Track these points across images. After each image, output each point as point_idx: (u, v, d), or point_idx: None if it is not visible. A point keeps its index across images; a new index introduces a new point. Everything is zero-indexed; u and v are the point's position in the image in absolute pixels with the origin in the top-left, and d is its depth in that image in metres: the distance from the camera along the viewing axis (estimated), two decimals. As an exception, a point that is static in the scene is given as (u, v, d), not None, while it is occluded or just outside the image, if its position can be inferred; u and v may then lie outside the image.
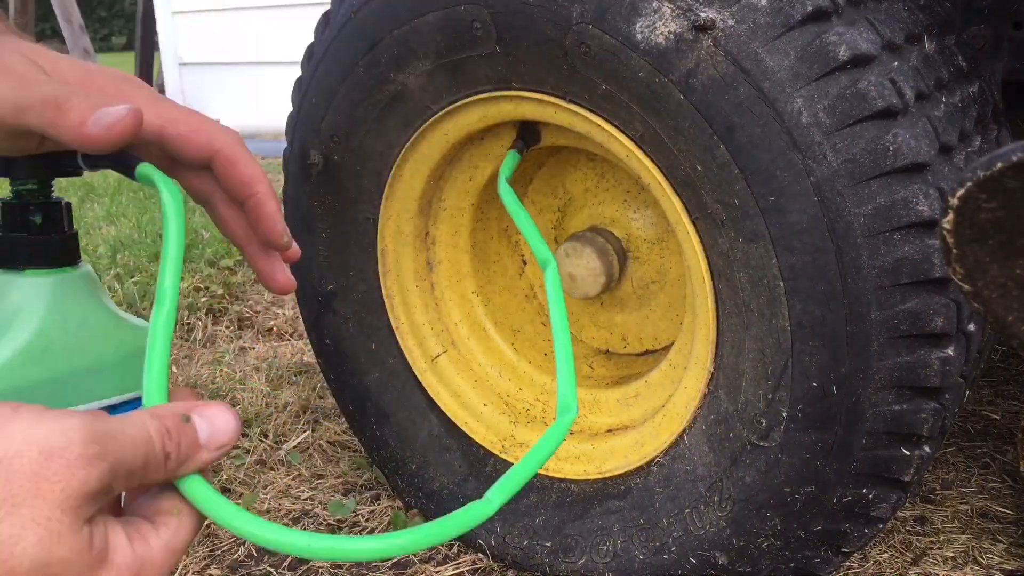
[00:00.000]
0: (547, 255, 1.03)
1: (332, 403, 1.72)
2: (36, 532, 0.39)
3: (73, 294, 0.82)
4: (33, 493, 0.39)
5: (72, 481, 0.40)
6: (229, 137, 0.75)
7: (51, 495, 0.40)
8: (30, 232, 0.81)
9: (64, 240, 0.83)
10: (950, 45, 1.05)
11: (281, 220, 0.78)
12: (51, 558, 0.39)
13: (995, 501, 1.36)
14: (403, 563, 1.25)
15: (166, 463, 0.46)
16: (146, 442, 0.45)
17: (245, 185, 0.75)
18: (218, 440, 0.49)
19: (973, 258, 0.56)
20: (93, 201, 3.59)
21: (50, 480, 0.40)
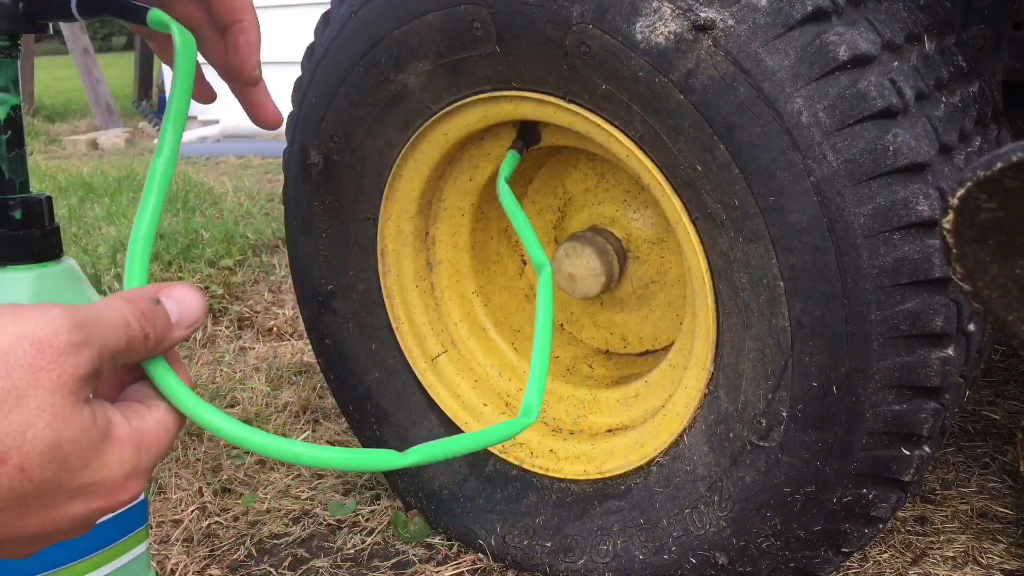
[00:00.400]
0: (543, 259, 1.03)
1: (332, 403, 1.72)
2: (43, 418, 0.42)
3: (56, 289, 0.81)
4: (33, 383, 0.42)
5: (65, 367, 0.43)
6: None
7: (49, 383, 0.42)
8: (9, 227, 0.80)
9: (45, 234, 0.82)
10: (950, 45, 1.05)
11: (257, 53, 0.79)
12: (61, 438, 0.43)
13: (995, 501, 1.36)
14: (403, 563, 1.25)
15: (145, 343, 0.49)
16: (125, 325, 0.48)
17: (232, 10, 0.77)
18: (188, 318, 0.52)
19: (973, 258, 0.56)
20: (93, 201, 3.59)
21: (45, 369, 0.42)
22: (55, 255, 0.83)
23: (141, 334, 0.49)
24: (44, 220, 0.83)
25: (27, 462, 0.42)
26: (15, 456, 0.41)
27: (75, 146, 5.94)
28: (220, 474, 1.48)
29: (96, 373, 0.45)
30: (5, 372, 0.41)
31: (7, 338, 0.42)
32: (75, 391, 0.43)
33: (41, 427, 0.42)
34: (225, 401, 1.76)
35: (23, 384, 0.42)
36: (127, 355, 0.48)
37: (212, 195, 3.59)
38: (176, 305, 0.52)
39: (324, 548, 1.30)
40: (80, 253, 2.59)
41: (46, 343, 0.43)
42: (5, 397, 0.41)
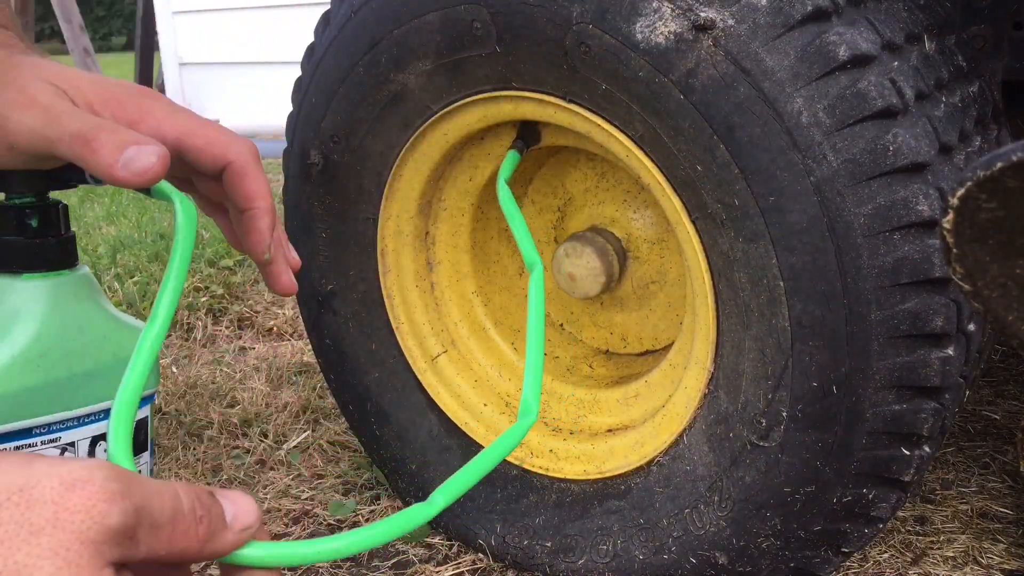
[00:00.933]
0: (535, 257, 1.03)
1: (332, 403, 1.72)
2: (53, 562, 0.37)
3: (71, 297, 0.82)
4: (52, 522, 0.38)
5: (93, 512, 0.39)
6: (244, 149, 0.78)
7: (70, 525, 0.38)
8: (26, 235, 0.80)
9: (61, 243, 0.83)
10: (950, 45, 1.05)
11: (268, 237, 0.81)
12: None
13: (995, 501, 1.36)
14: (403, 563, 1.25)
15: (198, 528, 0.44)
16: (173, 497, 0.44)
17: (247, 198, 0.78)
18: (243, 521, 0.48)
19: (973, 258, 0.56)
20: (93, 201, 3.59)
21: (70, 510, 0.38)
22: (70, 263, 0.83)
23: (192, 515, 0.44)
24: (60, 228, 0.83)
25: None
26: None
27: (75, 146, 5.94)
28: (220, 474, 1.48)
29: (130, 535, 0.40)
30: (25, 504, 0.38)
31: (39, 474, 0.39)
32: (97, 542, 0.38)
33: (48, 571, 0.37)
34: (225, 401, 1.76)
35: (40, 520, 0.38)
36: (171, 536, 0.43)
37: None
38: (231, 505, 0.47)
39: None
40: (80, 253, 2.59)
41: (78, 484, 0.39)
42: (16, 531, 0.37)
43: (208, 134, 0.76)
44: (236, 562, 0.48)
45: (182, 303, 2.23)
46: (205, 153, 0.75)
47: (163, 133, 0.73)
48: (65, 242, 0.83)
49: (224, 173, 0.78)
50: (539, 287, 1.00)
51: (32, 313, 0.78)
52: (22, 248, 0.80)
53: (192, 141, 0.75)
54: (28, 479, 0.38)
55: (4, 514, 0.37)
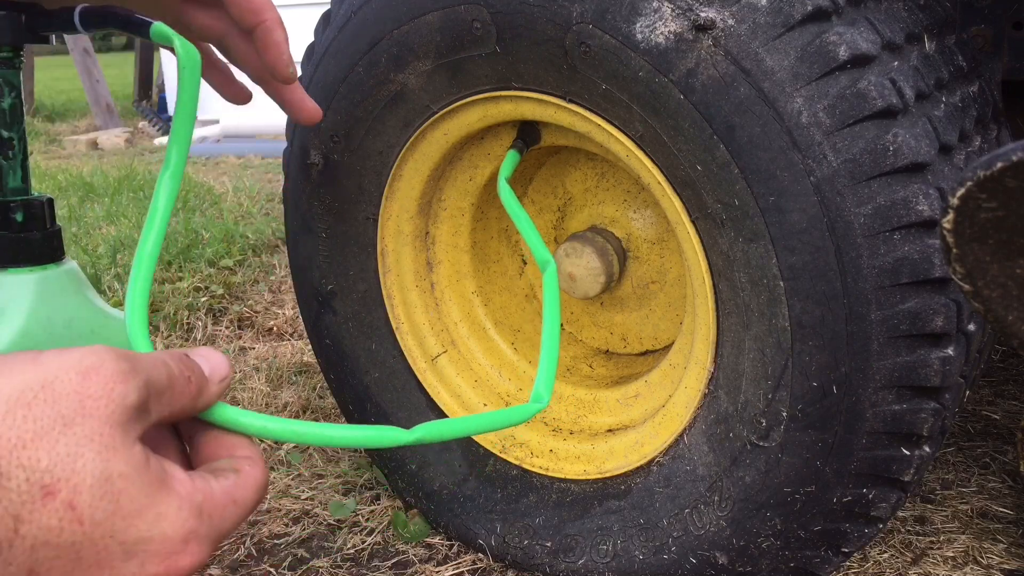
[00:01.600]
0: (547, 256, 1.03)
1: (332, 403, 1.72)
2: (92, 447, 0.39)
3: (58, 291, 0.81)
4: (80, 411, 0.40)
5: (113, 395, 0.41)
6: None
7: (97, 411, 0.40)
8: (11, 230, 0.80)
9: (47, 237, 0.82)
10: (950, 45, 1.05)
11: (287, 49, 0.80)
12: (112, 471, 0.40)
13: (995, 501, 1.36)
14: (403, 563, 1.25)
15: (189, 387, 0.47)
16: (166, 364, 0.46)
17: (252, 12, 0.77)
18: (219, 372, 0.51)
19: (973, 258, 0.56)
20: (93, 201, 3.59)
21: (93, 396, 0.40)
22: (57, 257, 0.83)
23: (182, 376, 0.47)
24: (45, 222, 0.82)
25: (77, 497, 0.39)
26: (64, 488, 0.38)
27: (75, 146, 5.95)
28: (220, 474, 1.48)
29: (143, 407, 0.43)
30: (51, 399, 0.39)
31: (53, 368, 0.40)
32: (124, 422, 0.41)
33: (90, 456, 0.39)
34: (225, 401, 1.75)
35: (70, 411, 0.39)
36: (171, 398, 0.46)
37: (212, 195, 3.59)
38: (205, 361, 0.50)
39: (324, 548, 1.30)
40: (80, 253, 2.59)
41: (92, 370, 0.41)
42: (52, 425, 0.39)
43: None
44: (215, 419, 0.51)
45: (182, 303, 2.23)
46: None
47: None
48: (51, 236, 0.83)
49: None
50: (553, 285, 1.00)
51: (18, 307, 0.78)
52: (7, 242, 0.79)
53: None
54: (45, 374, 0.40)
55: (35, 411, 0.39)
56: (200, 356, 0.50)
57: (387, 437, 0.63)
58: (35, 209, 0.81)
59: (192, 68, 0.70)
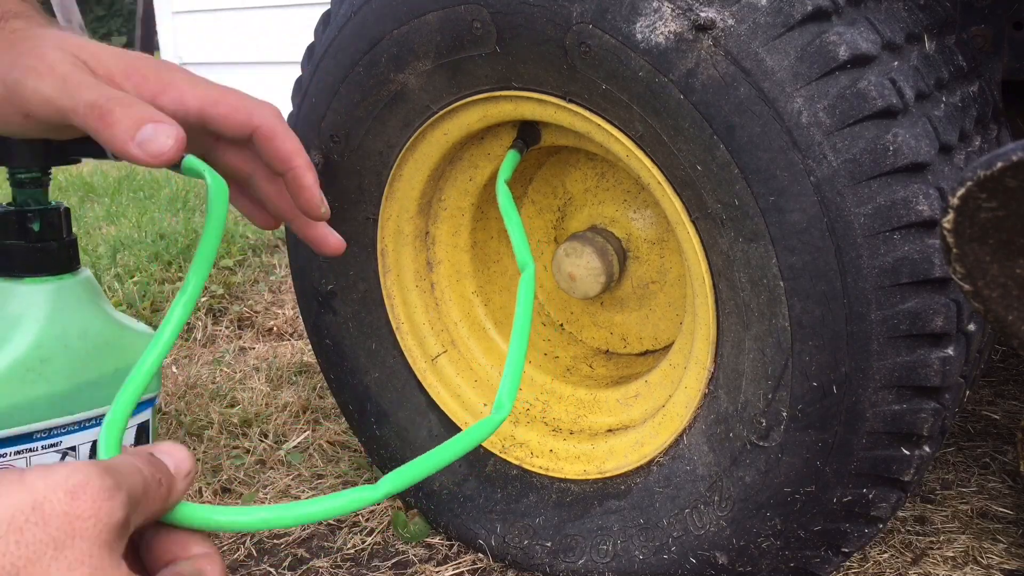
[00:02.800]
0: (527, 257, 1.03)
1: (332, 403, 1.72)
2: (82, 571, 0.39)
3: (73, 301, 0.81)
4: (70, 534, 0.40)
5: (100, 515, 0.41)
6: (267, 112, 0.78)
7: (86, 532, 0.40)
8: (28, 239, 0.80)
9: (63, 247, 0.82)
10: (950, 45, 1.05)
11: (319, 191, 0.82)
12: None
13: (995, 501, 1.36)
14: (403, 563, 1.25)
15: (160, 490, 0.47)
16: (139, 470, 0.46)
17: (283, 159, 0.79)
18: (184, 468, 0.51)
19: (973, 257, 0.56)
20: (93, 201, 3.59)
21: (82, 517, 0.40)
22: (72, 267, 0.83)
23: (154, 480, 0.47)
24: (62, 232, 0.83)
25: None
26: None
27: (75, 146, 5.94)
28: (220, 474, 1.48)
29: (127, 524, 0.43)
30: (42, 521, 0.39)
31: (41, 488, 0.40)
32: (111, 542, 0.41)
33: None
34: (225, 401, 1.76)
35: (60, 535, 0.39)
36: (147, 505, 0.46)
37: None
38: (169, 458, 0.50)
39: (324, 548, 1.30)
40: (80, 253, 2.59)
41: (80, 490, 0.41)
42: (44, 549, 0.39)
43: (231, 101, 0.75)
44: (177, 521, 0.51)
45: (182, 303, 2.23)
46: (230, 120, 0.75)
47: (186, 104, 0.73)
48: (67, 246, 0.83)
49: (253, 139, 0.77)
50: (530, 289, 1.00)
51: (34, 318, 0.78)
52: (24, 252, 0.79)
53: (216, 110, 0.74)
54: (34, 496, 0.40)
55: (27, 536, 0.39)
56: (163, 453, 0.50)
57: (355, 500, 0.63)
58: (52, 218, 0.82)
59: (221, 199, 0.70)
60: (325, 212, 0.83)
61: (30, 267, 0.80)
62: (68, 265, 0.82)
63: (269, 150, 0.78)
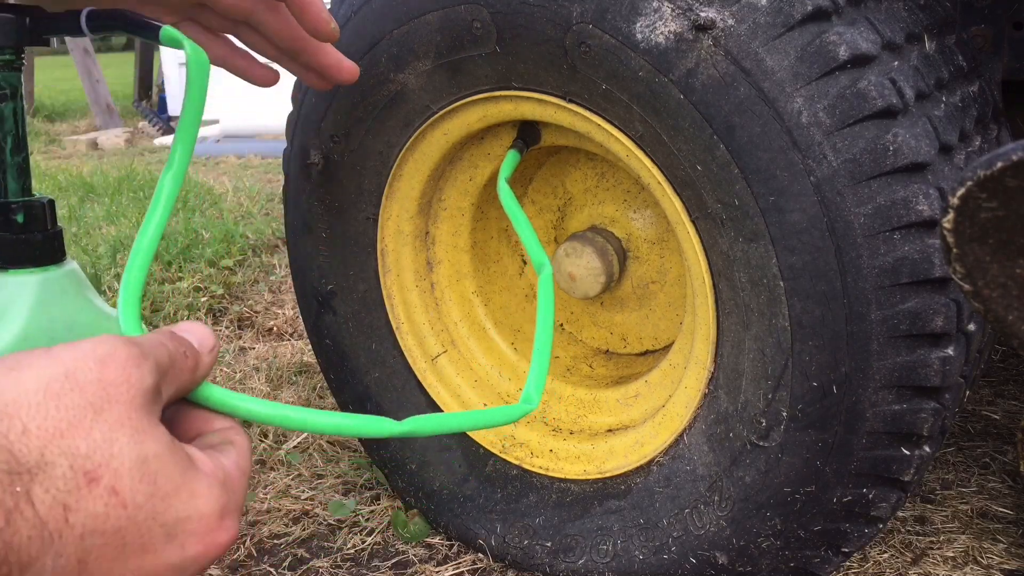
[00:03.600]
0: (543, 259, 1.03)
1: (332, 403, 1.72)
2: (124, 432, 0.40)
3: (59, 293, 0.81)
4: (105, 398, 0.40)
5: (132, 380, 0.42)
6: None
7: (121, 397, 0.41)
8: (12, 231, 0.79)
9: (48, 238, 0.82)
10: (950, 45, 1.05)
11: (324, 9, 0.80)
12: (147, 453, 0.40)
13: (995, 501, 1.36)
14: (403, 563, 1.25)
15: (187, 362, 0.48)
16: (163, 344, 0.47)
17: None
18: (207, 343, 0.51)
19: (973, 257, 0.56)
20: (93, 201, 3.59)
21: (115, 383, 0.41)
22: (58, 259, 0.82)
23: (179, 353, 0.47)
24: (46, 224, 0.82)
25: (119, 482, 0.39)
26: (105, 474, 0.39)
27: (75, 146, 5.95)
28: (220, 474, 1.48)
29: (158, 391, 0.44)
30: (78, 389, 0.40)
31: (68, 360, 0.41)
32: (146, 405, 0.42)
33: (125, 441, 0.40)
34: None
35: (97, 399, 0.40)
36: (175, 376, 0.47)
37: (212, 195, 3.59)
38: (191, 335, 0.51)
39: (324, 548, 1.30)
40: (80, 253, 2.59)
41: (108, 357, 0.42)
42: (83, 413, 0.39)
43: None
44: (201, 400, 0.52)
45: (182, 303, 2.23)
46: None
47: None
48: (52, 237, 0.82)
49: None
50: (549, 289, 1.00)
51: (19, 309, 0.78)
52: (8, 243, 0.79)
53: None
54: (65, 366, 0.41)
55: (65, 401, 0.39)
56: (185, 331, 0.51)
57: (377, 427, 0.63)
58: (36, 210, 0.81)
59: (201, 70, 0.70)
60: (335, 28, 0.81)
61: (15, 258, 0.79)
62: (53, 256, 0.82)
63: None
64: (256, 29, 0.84)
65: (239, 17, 0.82)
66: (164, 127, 6.46)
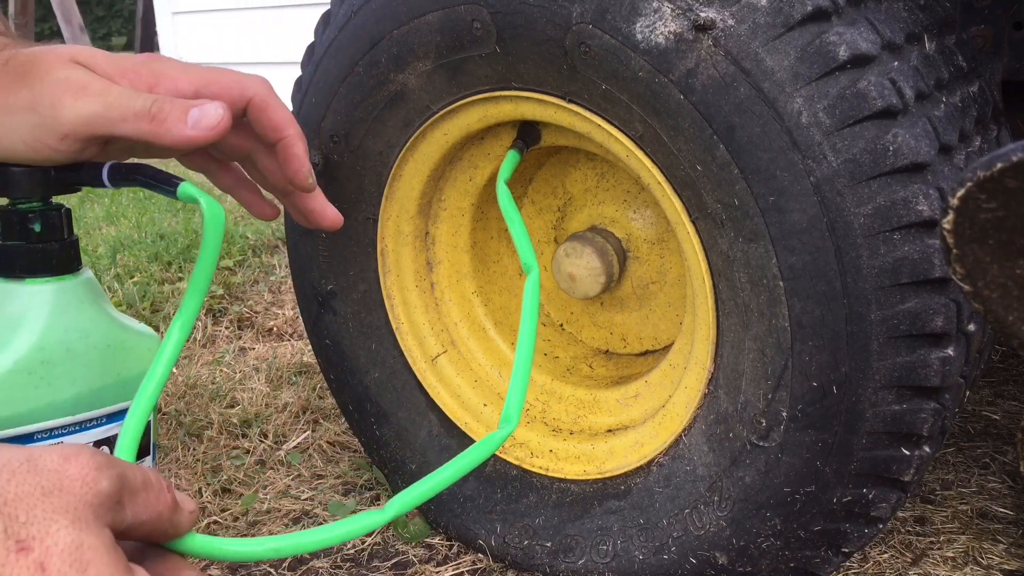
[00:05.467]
0: (532, 261, 1.03)
1: (332, 403, 1.72)
2: (66, 517, 0.42)
3: (75, 303, 0.81)
4: (58, 486, 0.42)
5: (88, 480, 0.43)
6: (259, 85, 0.83)
7: (73, 488, 0.43)
8: (29, 240, 0.80)
9: (65, 247, 0.82)
10: (950, 45, 1.05)
11: (307, 163, 0.86)
12: (83, 542, 0.42)
13: (995, 501, 1.36)
14: (403, 563, 1.25)
15: (163, 495, 0.49)
16: (143, 470, 0.49)
17: (275, 129, 0.83)
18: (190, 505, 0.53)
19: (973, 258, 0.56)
20: (93, 201, 3.59)
21: (71, 477, 0.43)
22: (74, 268, 0.83)
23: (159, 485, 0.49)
24: (63, 232, 0.83)
25: (48, 559, 0.40)
26: (37, 548, 0.40)
27: (75, 146, 5.93)
28: (220, 474, 1.48)
29: (118, 499, 0.45)
30: (34, 471, 0.42)
31: (36, 450, 0.44)
32: (96, 505, 0.43)
33: (64, 523, 0.41)
34: (225, 401, 1.76)
35: (49, 484, 0.42)
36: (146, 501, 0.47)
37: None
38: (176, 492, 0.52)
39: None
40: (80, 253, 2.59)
41: (72, 456, 0.44)
42: (32, 491, 0.41)
43: (222, 80, 0.80)
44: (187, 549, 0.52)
45: (182, 303, 2.23)
46: (225, 97, 0.78)
47: (181, 90, 0.77)
48: (69, 247, 0.83)
49: (248, 112, 0.81)
50: (535, 294, 1.00)
51: (35, 319, 0.78)
52: (25, 253, 0.79)
53: (210, 91, 0.78)
54: (31, 453, 0.43)
55: (19, 478, 0.42)
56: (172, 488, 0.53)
57: (364, 525, 0.64)
58: (53, 219, 0.81)
59: (216, 225, 0.73)
60: (312, 183, 0.87)
61: (31, 268, 0.80)
62: (69, 266, 0.82)
63: (262, 120, 0.82)
64: (254, 166, 0.90)
65: (240, 156, 0.89)
66: (164, 127, 6.45)
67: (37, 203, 0.80)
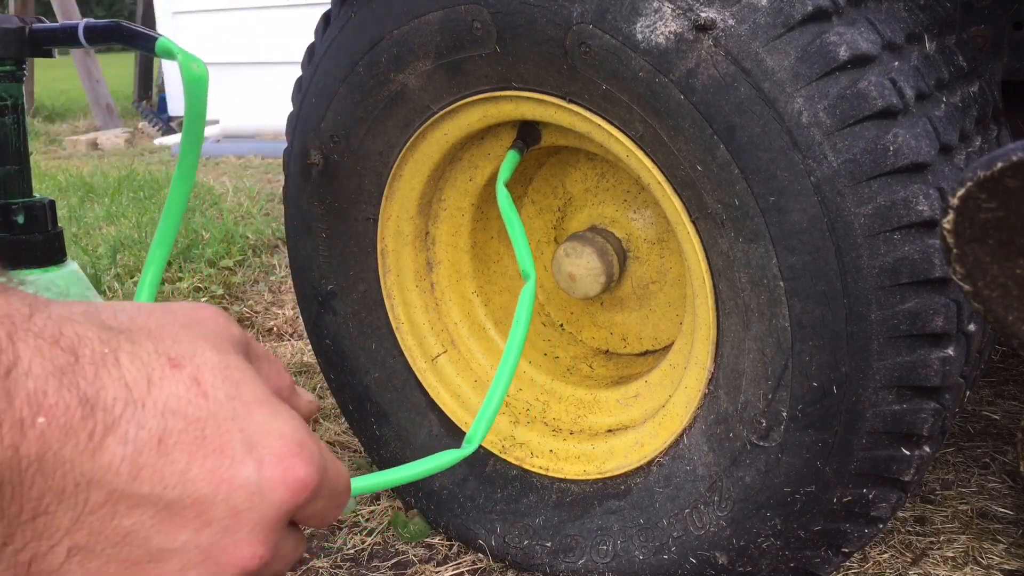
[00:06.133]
0: (530, 268, 1.03)
1: (332, 403, 1.72)
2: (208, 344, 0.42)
3: (59, 294, 0.81)
4: (195, 321, 0.43)
5: (220, 321, 0.44)
6: None
7: (208, 324, 0.43)
8: (12, 232, 0.80)
9: (48, 239, 0.82)
10: (950, 45, 1.05)
11: None
12: (230, 362, 0.42)
13: (995, 501, 1.36)
14: (403, 563, 1.25)
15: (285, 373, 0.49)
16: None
17: None
18: None
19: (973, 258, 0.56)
20: (93, 201, 3.59)
21: (204, 318, 0.44)
22: (58, 259, 0.83)
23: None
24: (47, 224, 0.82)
25: (201, 373, 0.40)
26: (188, 364, 0.40)
27: (75, 146, 5.95)
28: (220, 474, 1.48)
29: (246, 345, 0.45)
30: (170, 312, 0.43)
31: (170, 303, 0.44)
32: (231, 339, 0.43)
33: (208, 349, 0.41)
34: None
35: (186, 319, 0.43)
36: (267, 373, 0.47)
37: (212, 195, 3.59)
38: None
39: (324, 548, 1.30)
40: (80, 253, 2.59)
41: (201, 305, 0.45)
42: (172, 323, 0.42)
43: None
44: None
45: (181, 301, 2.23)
46: None
47: None
48: (52, 238, 0.82)
49: None
50: (530, 299, 1.00)
51: None
52: (9, 244, 0.79)
53: None
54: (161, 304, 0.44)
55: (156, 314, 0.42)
56: None
57: None
58: (37, 211, 0.81)
59: (198, 85, 0.72)
60: None
61: (15, 259, 0.80)
62: (54, 257, 0.82)
63: None
64: None
65: None
66: (164, 127, 6.46)
67: (11, 66, 0.79)
